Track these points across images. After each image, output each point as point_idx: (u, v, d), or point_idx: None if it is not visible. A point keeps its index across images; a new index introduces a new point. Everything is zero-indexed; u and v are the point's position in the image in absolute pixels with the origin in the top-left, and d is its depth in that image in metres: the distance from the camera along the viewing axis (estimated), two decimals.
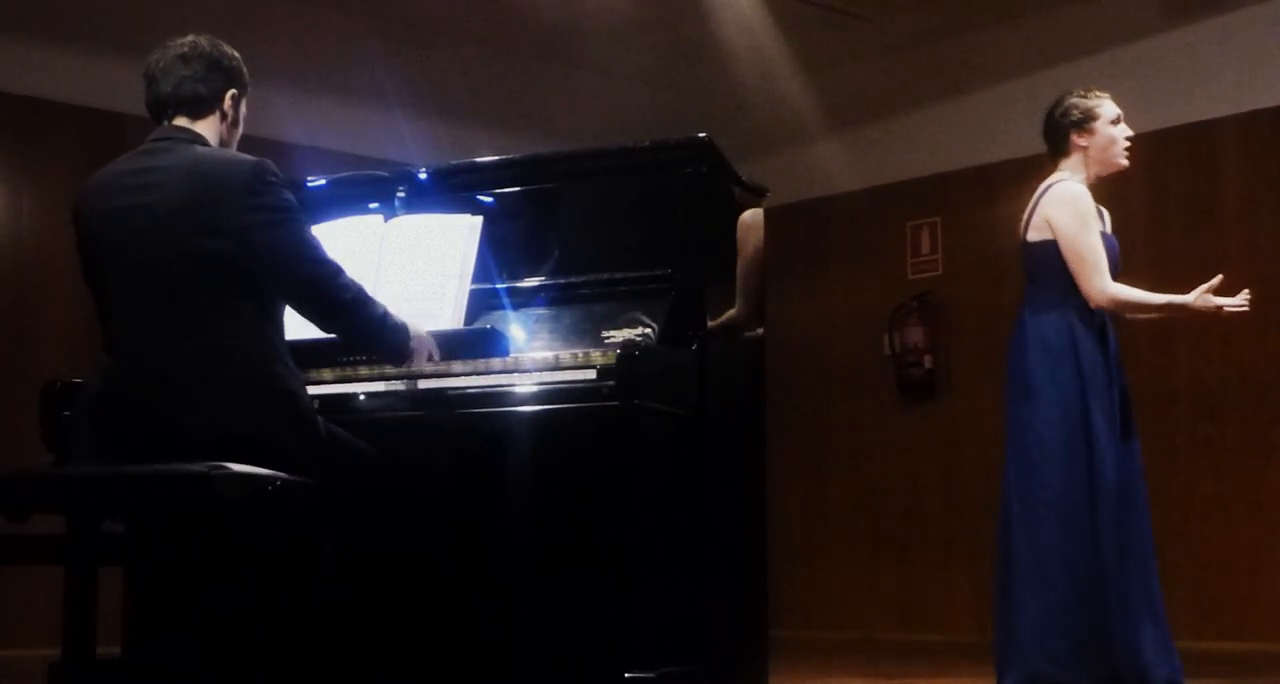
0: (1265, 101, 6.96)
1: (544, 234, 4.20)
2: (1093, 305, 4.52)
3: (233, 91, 3.51)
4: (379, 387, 3.76)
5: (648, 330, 3.86)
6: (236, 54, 3.54)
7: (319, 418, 3.37)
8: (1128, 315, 4.65)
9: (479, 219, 4.06)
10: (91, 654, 3.45)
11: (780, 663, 4.73)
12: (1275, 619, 6.71)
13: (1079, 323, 4.55)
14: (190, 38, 3.51)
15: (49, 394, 3.90)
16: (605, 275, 4.05)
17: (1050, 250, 4.56)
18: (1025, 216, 4.66)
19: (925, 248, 8.25)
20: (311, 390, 3.59)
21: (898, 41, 8.16)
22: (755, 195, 4.32)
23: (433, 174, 4.31)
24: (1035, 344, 4.56)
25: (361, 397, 3.78)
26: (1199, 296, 4.58)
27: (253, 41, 3.74)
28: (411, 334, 3.55)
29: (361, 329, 3.46)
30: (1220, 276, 4.61)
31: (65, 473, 3.39)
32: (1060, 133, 4.68)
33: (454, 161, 4.48)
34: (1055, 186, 4.62)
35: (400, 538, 3.80)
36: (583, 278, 4.08)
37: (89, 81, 7.00)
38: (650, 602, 3.70)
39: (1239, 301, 4.62)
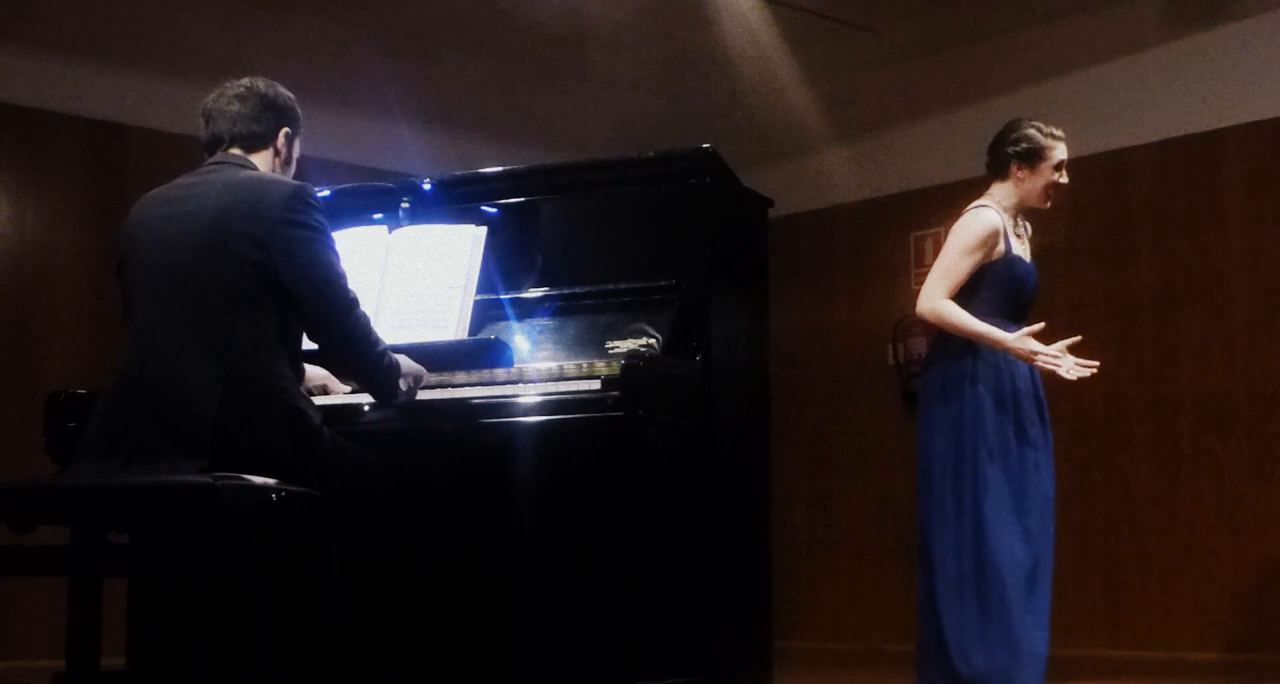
0: (1269, 112, 6.95)
1: (548, 245, 4.20)
2: (917, 310, 4.62)
3: (286, 130, 3.60)
4: None
5: (652, 341, 3.86)
6: (291, 95, 3.63)
7: (325, 432, 3.37)
8: (948, 330, 4.64)
9: (483, 230, 4.07)
10: (95, 666, 3.45)
11: (785, 674, 4.72)
12: (1278, 631, 6.70)
13: (983, 350, 4.61)
14: (247, 80, 3.60)
15: (53, 405, 3.91)
16: (609, 286, 4.05)
17: None
18: None
19: (929, 258, 8.23)
20: (317, 401, 3.59)
21: (902, 52, 8.15)
22: (759, 206, 4.33)
23: (437, 185, 4.32)
24: (936, 373, 4.66)
25: (367, 407, 3.78)
26: (1018, 338, 4.60)
27: (256, 53, 3.75)
28: (404, 370, 3.58)
29: (359, 359, 3.48)
30: (1042, 324, 4.65)
31: (70, 484, 3.39)
32: (1003, 160, 4.75)
33: (458, 172, 4.48)
34: (966, 214, 4.73)
35: (405, 548, 3.80)
36: (587, 288, 4.08)
37: (93, 93, 7.01)
38: (655, 612, 3.69)
39: (1054, 352, 4.59)
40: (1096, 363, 4.64)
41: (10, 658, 6.20)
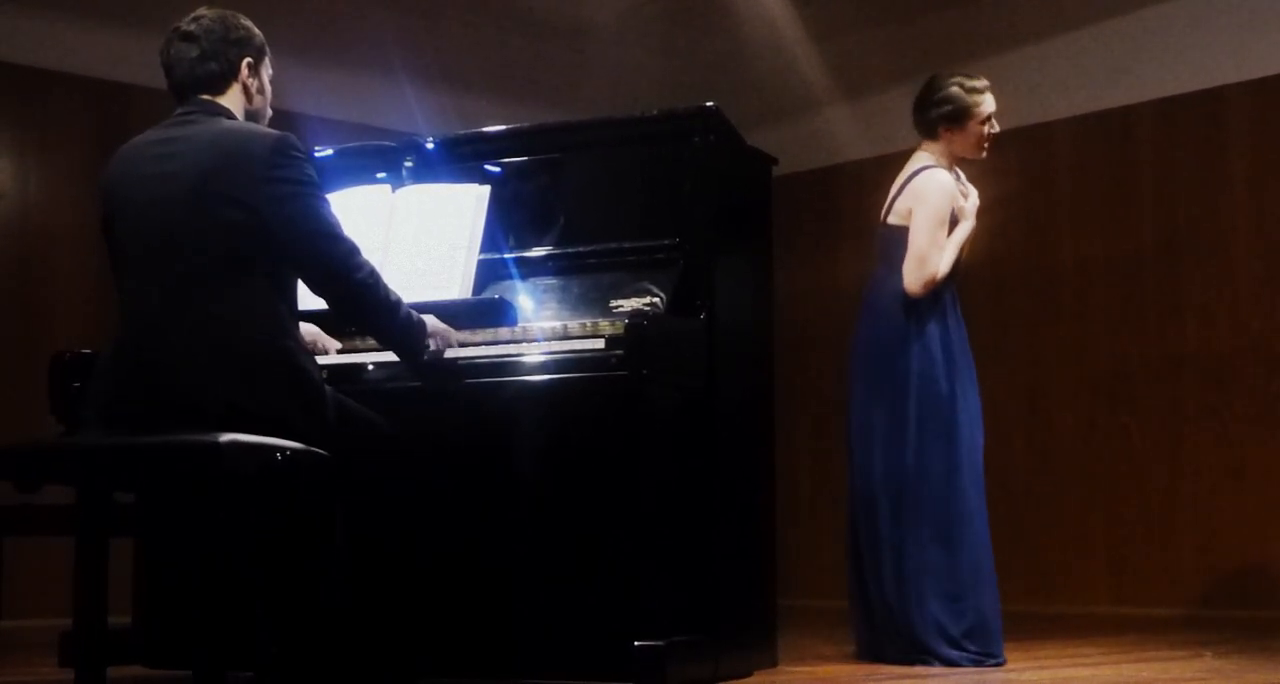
0: (1274, 69, 6.93)
1: (552, 204, 4.19)
2: (912, 292, 4.58)
3: (248, 60, 3.47)
4: (388, 357, 3.75)
5: (656, 300, 3.86)
6: (246, 22, 3.50)
7: (328, 392, 3.36)
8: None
9: (487, 189, 4.06)
10: (103, 624, 3.46)
11: (789, 631, 4.74)
12: None
13: (945, 301, 4.65)
14: (194, 15, 3.48)
15: (58, 365, 3.91)
16: (613, 245, 4.05)
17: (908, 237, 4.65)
18: (889, 200, 4.72)
19: None
20: (321, 361, 3.59)
21: (907, 8, 8.11)
22: (763, 164, 4.32)
23: (440, 144, 4.31)
24: (895, 324, 4.63)
25: (370, 366, 3.79)
26: (961, 211, 4.66)
27: (260, 11, 3.72)
28: (430, 329, 3.55)
29: (372, 310, 3.43)
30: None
31: (75, 444, 3.39)
32: (931, 123, 4.71)
33: (461, 131, 4.47)
34: (921, 175, 4.67)
35: (408, 507, 3.80)
36: (591, 247, 4.08)
37: (95, 52, 6.99)
38: (658, 570, 3.71)
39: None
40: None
41: (18, 617, 6.22)
